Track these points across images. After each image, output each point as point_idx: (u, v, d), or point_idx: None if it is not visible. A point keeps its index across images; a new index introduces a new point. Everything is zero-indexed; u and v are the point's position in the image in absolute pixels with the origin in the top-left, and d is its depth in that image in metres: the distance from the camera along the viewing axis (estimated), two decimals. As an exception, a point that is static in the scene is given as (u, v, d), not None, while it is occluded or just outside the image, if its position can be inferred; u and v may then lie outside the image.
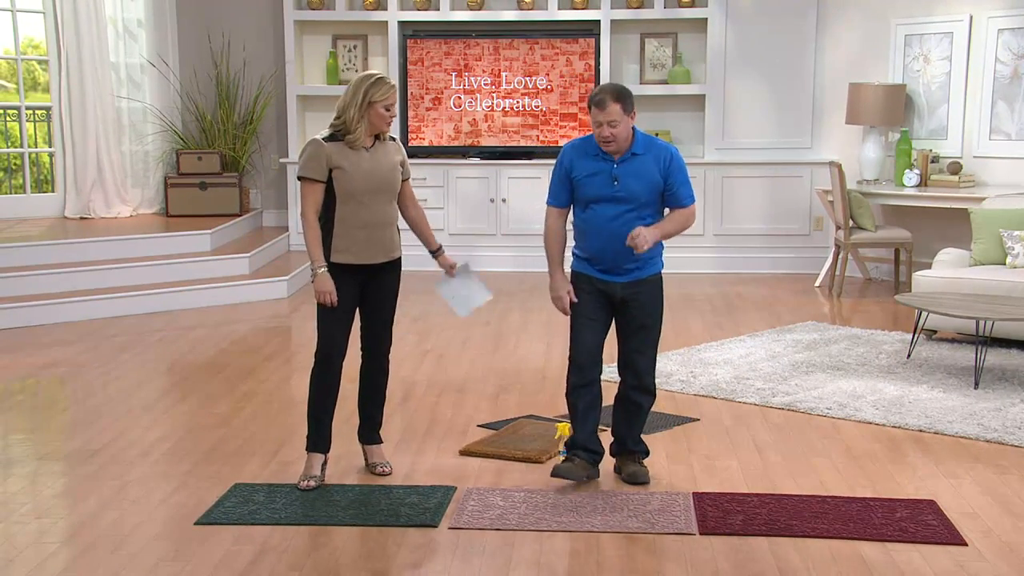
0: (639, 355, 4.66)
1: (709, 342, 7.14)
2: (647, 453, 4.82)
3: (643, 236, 4.43)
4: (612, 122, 4.44)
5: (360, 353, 4.83)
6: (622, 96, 4.47)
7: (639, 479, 4.70)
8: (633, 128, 4.56)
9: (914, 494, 4.58)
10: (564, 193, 4.64)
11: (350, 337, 4.74)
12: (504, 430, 5.32)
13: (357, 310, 4.75)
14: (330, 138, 4.59)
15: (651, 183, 4.52)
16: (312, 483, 4.65)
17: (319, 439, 4.73)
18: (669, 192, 4.57)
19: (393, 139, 4.76)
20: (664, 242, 4.62)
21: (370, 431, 4.89)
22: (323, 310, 4.65)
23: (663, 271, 4.70)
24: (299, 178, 4.60)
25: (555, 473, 4.64)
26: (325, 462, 4.75)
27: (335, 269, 4.61)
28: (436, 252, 4.89)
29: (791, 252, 9.78)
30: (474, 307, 4.92)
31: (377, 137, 4.66)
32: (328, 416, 4.74)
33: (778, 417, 5.62)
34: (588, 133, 4.66)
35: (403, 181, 4.76)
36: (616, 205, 4.52)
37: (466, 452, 5.05)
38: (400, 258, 4.78)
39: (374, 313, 4.77)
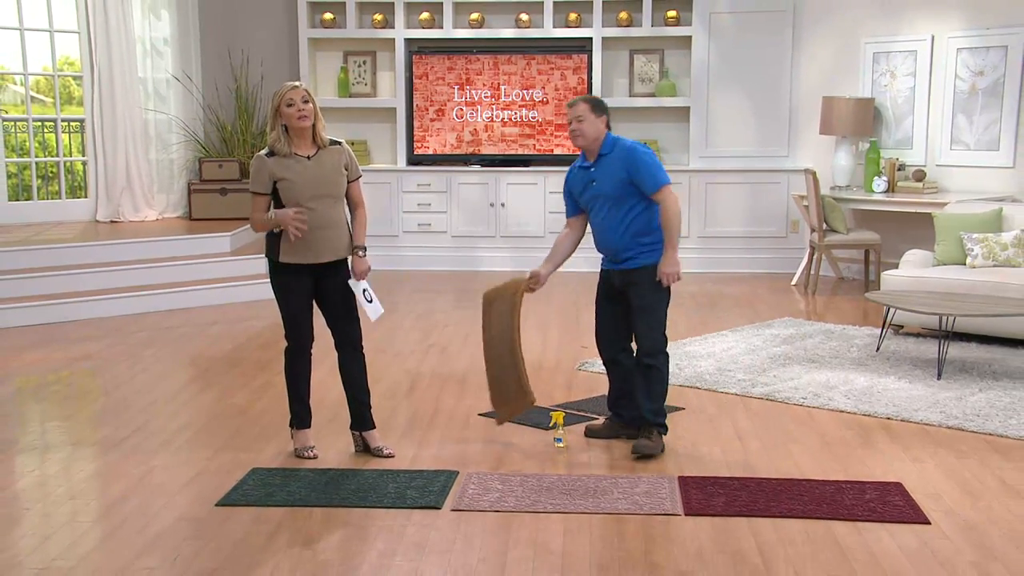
0: (642, 331, 4.81)
1: (693, 336, 7.13)
2: (665, 429, 4.81)
3: (664, 273, 4.73)
4: (579, 118, 4.68)
5: (335, 351, 4.87)
6: (591, 99, 4.74)
7: (642, 450, 4.69)
8: (608, 135, 4.73)
9: (882, 477, 4.58)
10: (571, 207, 4.93)
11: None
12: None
13: (316, 307, 4.78)
14: (270, 153, 4.60)
15: (617, 179, 4.68)
16: (315, 453, 4.80)
17: (305, 416, 4.87)
18: (638, 185, 4.68)
19: (338, 144, 4.71)
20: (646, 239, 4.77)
21: (363, 418, 4.89)
22: (285, 307, 4.71)
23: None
24: (250, 192, 4.64)
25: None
26: None
27: (286, 268, 4.64)
28: (354, 250, 4.73)
29: (769, 253, 9.78)
30: (376, 315, 4.82)
31: (319, 147, 4.63)
32: (308, 395, 4.86)
33: (757, 406, 5.62)
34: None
35: (351, 182, 4.74)
36: (599, 203, 4.75)
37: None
38: (347, 258, 4.77)
39: (333, 311, 4.78)
